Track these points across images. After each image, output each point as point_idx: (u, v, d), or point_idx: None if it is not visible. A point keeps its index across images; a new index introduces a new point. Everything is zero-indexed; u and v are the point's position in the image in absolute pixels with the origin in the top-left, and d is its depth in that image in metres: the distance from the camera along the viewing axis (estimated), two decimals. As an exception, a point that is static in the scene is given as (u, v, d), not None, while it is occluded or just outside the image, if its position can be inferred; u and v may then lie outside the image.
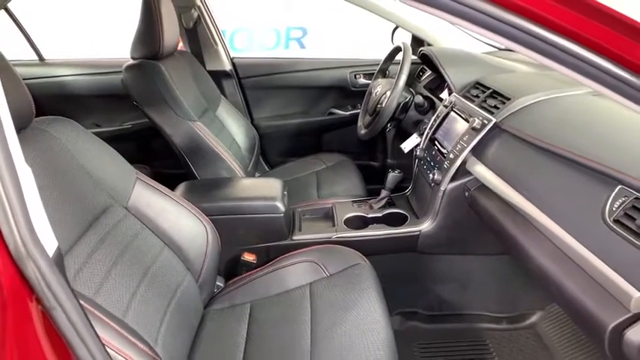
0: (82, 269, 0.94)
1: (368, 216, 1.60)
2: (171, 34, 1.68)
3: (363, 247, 1.40)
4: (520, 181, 1.11)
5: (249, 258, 1.50)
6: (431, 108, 1.79)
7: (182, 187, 1.58)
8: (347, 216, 1.60)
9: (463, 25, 0.69)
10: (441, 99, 1.78)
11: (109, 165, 1.17)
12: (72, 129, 1.12)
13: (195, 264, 1.24)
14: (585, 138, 1.02)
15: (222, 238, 1.29)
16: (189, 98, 1.72)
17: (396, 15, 2.20)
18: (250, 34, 4.48)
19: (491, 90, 1.44)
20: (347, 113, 2.39)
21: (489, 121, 1.31)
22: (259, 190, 1.57)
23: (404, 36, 2.24)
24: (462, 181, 1.40)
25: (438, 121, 1.59)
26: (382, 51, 1.99)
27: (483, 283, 1.60)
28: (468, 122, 1.40)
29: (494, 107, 1.35)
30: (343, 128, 2.42)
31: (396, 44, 1.85)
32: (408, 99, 1.78)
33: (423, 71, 2.12)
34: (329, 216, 1.64)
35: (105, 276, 0.98)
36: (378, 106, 1.77)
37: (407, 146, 1.79)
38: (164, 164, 2.34)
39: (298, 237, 1.54)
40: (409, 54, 1.70)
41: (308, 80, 2.36)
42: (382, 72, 2.00)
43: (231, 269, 1.53)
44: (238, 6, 4.02)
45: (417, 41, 2.22)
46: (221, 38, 2.27)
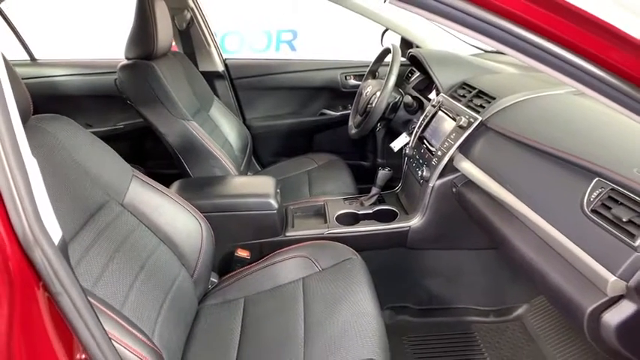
0: (80, 263, 0.96)
1: (359, 212, 1.64)
2: (165, 35, 1.71)
3: (355, 243, 1.43)
4: (505, 176, 1.16)
5: (242, 254, 1.53)
6: (419, 108, 1.84)
7: (177, 185, 1.60)
8: (338, 213, 1.64)
9: (447, 25, 0.73)
10: (430, 99, 1.83)
11: (106, 162, 1.19)
12: (69, 127, 1.14)
13: (190, 260, 1.26)
14: (565, 134, 1.07)
15: (216, 235, 1.32)
16: (182, 98, 1.75)
17: (386, 18, 2.24)
18: (241, 37, 4.50)
19: (477, 90, 1.49)
20: (338, 114, 2.43)
21: (475, 120, 1.36)
22: (253, 188, 1.60)
23: (393, 38, 2.29)
24: (450, 178, 1.44)
25: (427, 121, 1.63)
26: (372, 53, 2.04)
27: (471, 277, 1.64)
28: (455, 121, 1.44)
29: (480, 106, 1.40)
30: (334, 128, 2.46)
31: (386, 46, 1.89)
32: (398, 99, 1.83)
33: (412, 72, 2.17)
34: (321, 213, 1.68)
35: (102, 270, 1.00)
36: (369, 106, 1.81)
37: (396, 145, 1.83)
38: (157, 164, 2.36)
39: (291, 233, 1.57)
40: (398, 55, 1.75)
41: (299, 81, 2.40)
42: (372, 73, 2.04)
43: (225, 265, 1.56)
44: (229, 9, 4.05)
45: (406, 43, 2.27)
46: (214, 39, 2.30)
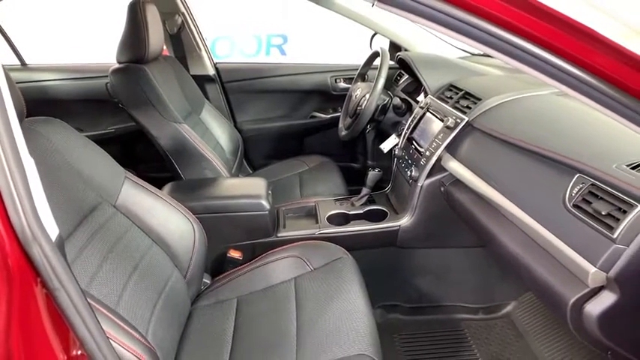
0: (74, 264, 0.97)
1: (349, 213, 1.66)
2: (156, 39, 1.73)
3: (346, 243, 1.46)
4: (490, 175, 1.19)
5: (235, 255, 1.54)
6: (408, 110, 1.88)
7: (169, 187, 1.61)
8: (329, 213, 1.66)
9: (431, 27, 0.76)
10: (418, 101, 1.86)
11: (98, 165, 1.20)
12: (62, 130, 1.15)
13: (182, 261, 1.27)
14: (548, 133, 1.11)
15: (208, 236, 1.33)
16: (174, 101, 1.76)
17: (375, 22, 2.28)
18: (232, 42, 4.52)
19: (463, 91, 1.53)
20: (328, 116, 2.45)
21: (462, 120, 1.40)
22: (244, 189, 1.62)
23: (382, 42, 2.32)
24: (438, 177, 1.48)
25: (415, 122, 1.67)
26: (362, 57, 2.07)
27: (460, 275, 1.67)
28: (443, 122, 1.48)
29: (466, 107, 1.44)
30: (324, 131, 2.48)
31: (374, 49, 1.92)
32: (387, 101, 1.86)
33: (401, 75, 2.21)
34: (312, 214, 1.70)
35: (96, 270, 1.01)
36: (358, 109, 1.84)
37: (386, 146, 1.86)
38: (149, 168, 2.36)
39: (283, 234, 1.59)
40: (387, 58, 1.78)
41: (290, 85, 2.43)
42: (361, 76, 2.07)
43: (217, 266, 1.57)
44: (220, 14, 4.06)
45: (395, 47, 2.31)
46: (204, 44, 2.32)
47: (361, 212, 1.67)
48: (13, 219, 0.61)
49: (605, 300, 0.85)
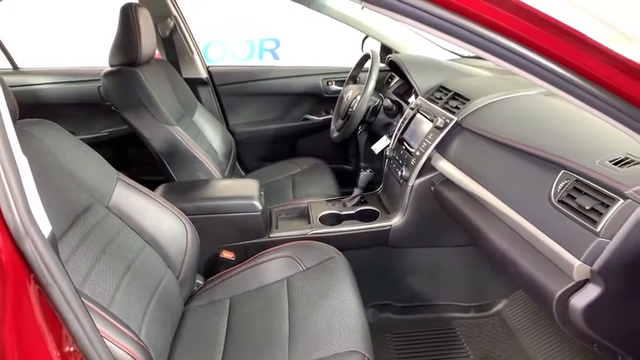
0: (66, 264, 0.97)
1: (342, 213, 1.68)
2: (148, 42, 1.74)
3: (338, 243, 1.47)
4: (479, 173, 1.21)
5: (227, 255, 1.55)
6: (399, 111, 1.90)
7: (162, 189, 1.62)
8: (322, 214, 1.67)
9: (418, 27, 0.77)
10: (409, 103, 1.88)
11: (91, 166, 1.21)
12: (54, 131, 1.16)
13: (175, 262, 1.28)
14: (534, 131, 1.13)
15: (201, 237, 1.33)
16: (166, 104, 1.77)
17: (366, 25, 2.31)
18: (224, 46, 4.53)
19: (453, 92, 1.55)
20: (320, 118, 2.47)
21: (451, 120, 1.42)
22: (237, 190, 1.63)
23: (373, 45, 2.35)
24: (428, 177, 1.50)
25: (406, 123, 1.69)
26: (354, 60, 2.09)
27: (452, 274, 1.69)
28: (433, 122, 1.50)
29: (455, 108, 1.46)
30: (317, 133, 2.50)
31: (365, 52, 1.95)
32: (378, 103, 1.88)
33: (392, 78, 2.23)
34: (304, 214, 1.71)
35: (89, 270, 1.02)
36: (350, 110, 1.86)
37: (377, 147, 1.88)
38: (142, 171, 2.36)
39: (275, 234, 1.60)
40: (377, 60, 1.80)
41: (282, 87, 2.44)
42: (353, 78, 2.09)
43: (210, 267, 1.57)
44: (212, 18, 4.07)
45: (386, 49, 2.33)
46: (197, 47, 2.33)
47: (353, 212, 1.68)
48: (6, 215, 0.62)
49: (589, 293, 0.86)
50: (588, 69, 0.73)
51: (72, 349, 0.73)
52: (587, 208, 0.86)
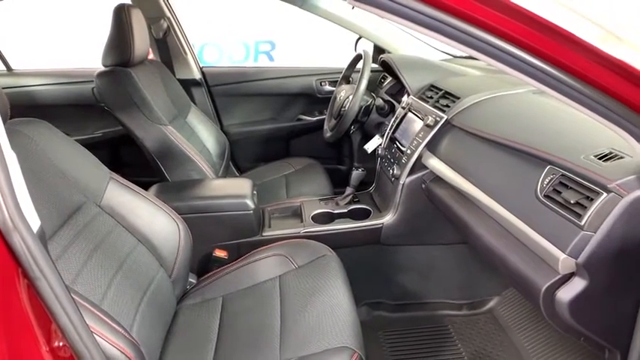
0: (58, 261, 0.98)
1: (334, 212, 1.69)
2: (141, 43, 1.74)
3: (330, 241, 1.48)
4: (468, 170, 1.23)
5: (220, 254, 1.55)
6: (391, 111, 1.91)
7: (155, 188, 1.62)
8: (314, 212, 1.68)
9: (405, 25, 0.78)
10: (401, 102, 1.89)
11: (83, 165, 1.21)
12: (45, 130, 1.16)
13: (168, 260, 1.28)
14: (522, 128, 1.15)
15: (194, 236, 1.34)
16: (159, 104, 1.78)
17: (359, 26, 2.32)
18: (219, 49, 4.53)
19: (443, 91, 1.56)
20: (314, 119, 2.48)
21: (441, 119, 1.43)
22: (229, 189, 1.64)
23: (367, 46, 2.36)
24: (419, 175, 1.51)
25: (397, 122, 1.70)
26: (348, 61, 2.11)
27: (444, 272, 1.70)
28: (423, 121, 1.51)
29: (445, 106, 1.48)
30: (311, 134, 2.50)
31: (358, 52, 1.96)
32: (370, 102, 1.89)
33: (385, 78, 2.24)
34: (297, 213, 1.72)
35: (81, 268, 1.02)
36: (342, 110, 1.87)
37: (370, 147, 1.89)
38: (136, 172, 2.35)
39: (268, 233, 1.60)
40: (369, 60, 1.82)
41: (276, 88, 2.45)
42: (345, 78, 2.10)
43: (203, 266, 1.58)
44: (208, 21, 4.08)
45: (379, 50, 2.34)
46: (190, 48, 2.34)
47: (345, 211, 1.69)
48: (-6, 209, 0.63)
49: (575, 286, 0.88)
50: (577, 67, 0.74)
51: (61, 344, 0.73)
52: (572, 202, 0.87)
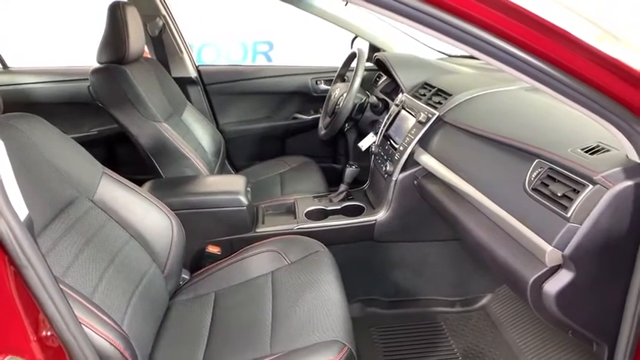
0: (49, 254, 0.98)
1: (327, 208, 1.69)
2: (136, 40, 1.75)
3: (323, 237, 1.48)
4: (459, 165, 1.23)
5: (213, 250, 1.56)
6: (385, 108, 1.91)
7: (148, 185, 1.63)
8: (308, 209, 1.69)
9: (400, 21, 0.78)
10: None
11: (76, 160, 1.21)
12: (39, 124, 1.17)
13: (160, 256, 1.28)
14: (511, 123, 1.16)
15: (187, 232, 1.34)
16: (154, 102, 1.78)
17: (354, 25, 2.33)
18: (217, 49, 4.54)
19: (436, 88, 1.57)
20: (309, 117, 2.48)
21: (433, 115, 1.44)
22: (223, 185, 1.64)
23: (363, 45, 2.37)
24: (412, 171, 1.52)
25: (391, 119, 1.71)
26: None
27: (437, 269, 1.71)
28: (416, 117, 1.52)
29: (438, 103, 1.48)
30: (306, 132, 2.51)
31: (352, 50, 1.97)
32: (364, 100, 1.90)
33: (380, 77, 2.25)
34: (291, 210, 1.73)
35: (72, 261, 1.02)
36: (336, 107, 1.88)
37: (364, 144, 1.89)
38: (131, 170, 2.36)
39: (261, 229, 1.61)
40: (363, 58, 1.82)
41: (271, 86, 2.46)
42: (340, 77, 2.11)
43: (196, 262, 1.58)
44: (206, 21, 4.09)
45: (375, 49, 2.35)
46: (186, 46, 2.35)
47: (339, 208, 1.70)
48: (-20, 195, 0.63)
49: (562, 278, 0.88)
50: (573, 66, 0.74)
51: (49, 334, 0.73)
52: (559, 195, 0.88)
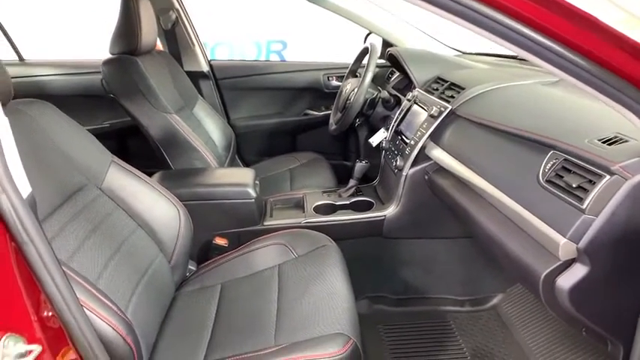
0: (55, 238, 0.98)
1: (336, 203, 1.68)
2: (148, 32, 1.75)
3: (331, 232, 1.46)
4: (471, 159, 1.20)
5: (220, 242, 1.55)
6: (397, 104, 1.89)
7: (158, 175, 1.63)
8: (316, 204, 1.67)
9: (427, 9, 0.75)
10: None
11: (85, 147, 1.21)
12: (49, 111, 1.17)
13: (167, 246, 1.28)
14: (525, 115, 1.13)
15: (195, 223, 1.34)
16: (166, 94, 1.78)
17: (368, 21, 2.32)
18: (231, 48, 4.56)
19: (449, 82, 1.55)
20: (320, 114, 2.47)
21: (446, 109, 1.42)
22: (231, 177, 1.63)
23: (376, 41, 2.34)
24: (422, 166, 1.49)
25: (402, 114, 1.68)
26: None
27: (447, 267, 1.67)
28: (427, 111, 1.49)
29: (450, 97, 1.46)
30: (317, 128, 2.50)
31: (364, 46, 1.95)
32: (376, 95, 1.88)
33: (392, 73, 2.23)
34: (299, 204, 1.71)
35: (78, 246, 1.02)
36: (348, 102, 1.86)
37: (375, 140, 1.87)
38: (142, 163, 2.37)
39: (269, 222, 1.60)
40: (375, 53, 1.80)
41: (283, 82, 2.45)
42: (352, 72, 2.09)
43: (203, 254, 1.58)
44: (220, 20, 4.11)
45: (388, 45, 2.33)
46: (198, 40, 2.35)
47: (348, 203, 1.68)
48: (-18, 169, 0.63)
49: (576, 273, 0.85)
50: (600, 54, 0.70)
51: (50, 314, 0.73)
52: (574, 186, 0.85)
